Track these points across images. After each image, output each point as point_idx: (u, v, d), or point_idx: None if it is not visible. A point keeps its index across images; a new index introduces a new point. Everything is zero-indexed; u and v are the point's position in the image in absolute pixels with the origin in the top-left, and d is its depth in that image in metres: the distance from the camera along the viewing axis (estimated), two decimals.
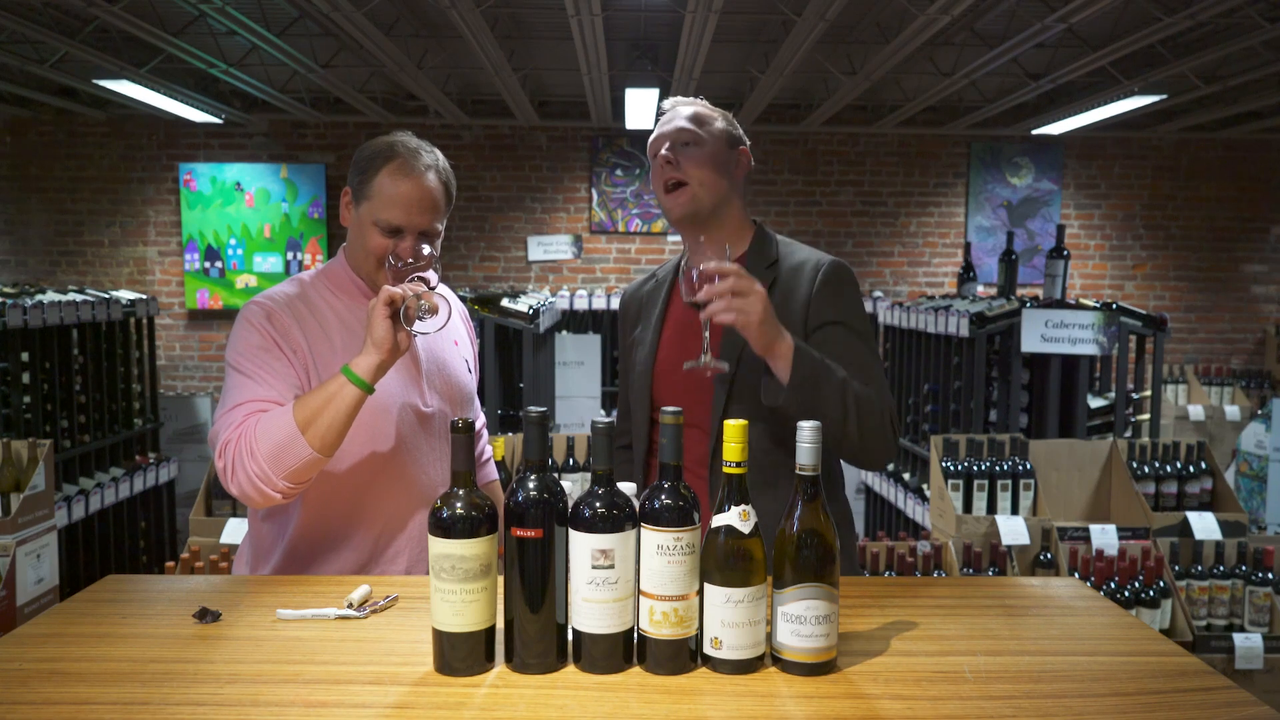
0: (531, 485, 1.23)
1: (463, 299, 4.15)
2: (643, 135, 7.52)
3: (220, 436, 1.61)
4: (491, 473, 2.11)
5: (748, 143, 1.85)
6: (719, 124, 1.79)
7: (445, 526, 1.22)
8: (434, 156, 1.78)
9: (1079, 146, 7.71)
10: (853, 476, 5.38)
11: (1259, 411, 5.96)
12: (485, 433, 2.14)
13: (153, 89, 5.89)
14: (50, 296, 4.05)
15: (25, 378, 3.81)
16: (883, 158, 7.71)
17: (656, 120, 1.85)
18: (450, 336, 1.91)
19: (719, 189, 1.76)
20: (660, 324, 1.84)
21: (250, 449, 1.56)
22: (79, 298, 4.14)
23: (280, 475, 1.56)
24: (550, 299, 5.93)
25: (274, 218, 7.42)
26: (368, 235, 1.73)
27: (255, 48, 5.46)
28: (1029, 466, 3.29)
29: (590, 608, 1.22)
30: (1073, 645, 1.34)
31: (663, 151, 1.75)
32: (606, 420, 1.24)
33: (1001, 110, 6.85)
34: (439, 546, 1.22)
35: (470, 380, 1.93)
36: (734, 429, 1.23)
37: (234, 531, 3.16)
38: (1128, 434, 4.02)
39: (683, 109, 1.79)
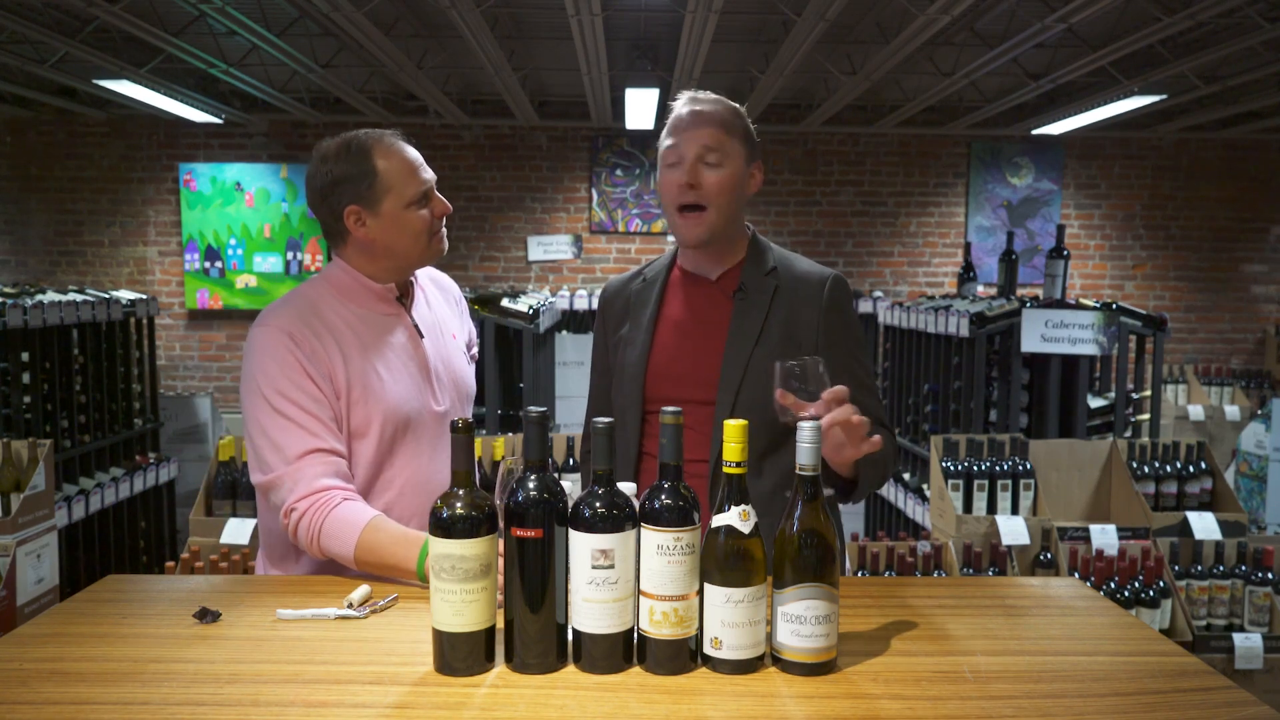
0: (531, 485, 1.23)
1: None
2: (643, 135, 7.52)
3: (290, 493, 1.62)
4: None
5: (760, 156, 1.78)
6: (739, 136, 1.71)
7: (445, 526, 1.22)
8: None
9: (1079, 146, 7.71)
10: None
11: (1259, 411, 5.96)
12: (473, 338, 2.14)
13: (153, 89, 5.90)
14: (50, 296, 4.05)
15: (25, 378, 3.80)
16: (883, 158, 7.71)
17: (667, 117, 1.74)
18: (448, 330, 1.91)
19: (734, 211, 1.71)
20: (653, 325, 1.80)
21: (314, 534, 1.62)
22: (79, 298, 4.14)
23: (323, 555, 1.64)
24: (550, 299, 5.93)
25: (274, 218, 7.42)
26: (410, 220, 1.73)
27: (255, 48, 5.46)
28: (1029, 466, 3.29)
29: (590, 608, 1.22)
30: (1073, 645, 1.34)
31: (684, 176, 1.67)
32: (607, 420, 1.24)
33: (1001, 110, 6.85)
34: (439, 546, 1.22)
35: (471, 372, 1.95)
36: (734, 429, 1.23)
37: (234, 531, 3.16)
38: (1128, 434, 4.02)
39: (705, 117, 1.69)
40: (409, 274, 1.83)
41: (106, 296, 4.35)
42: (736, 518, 1.22)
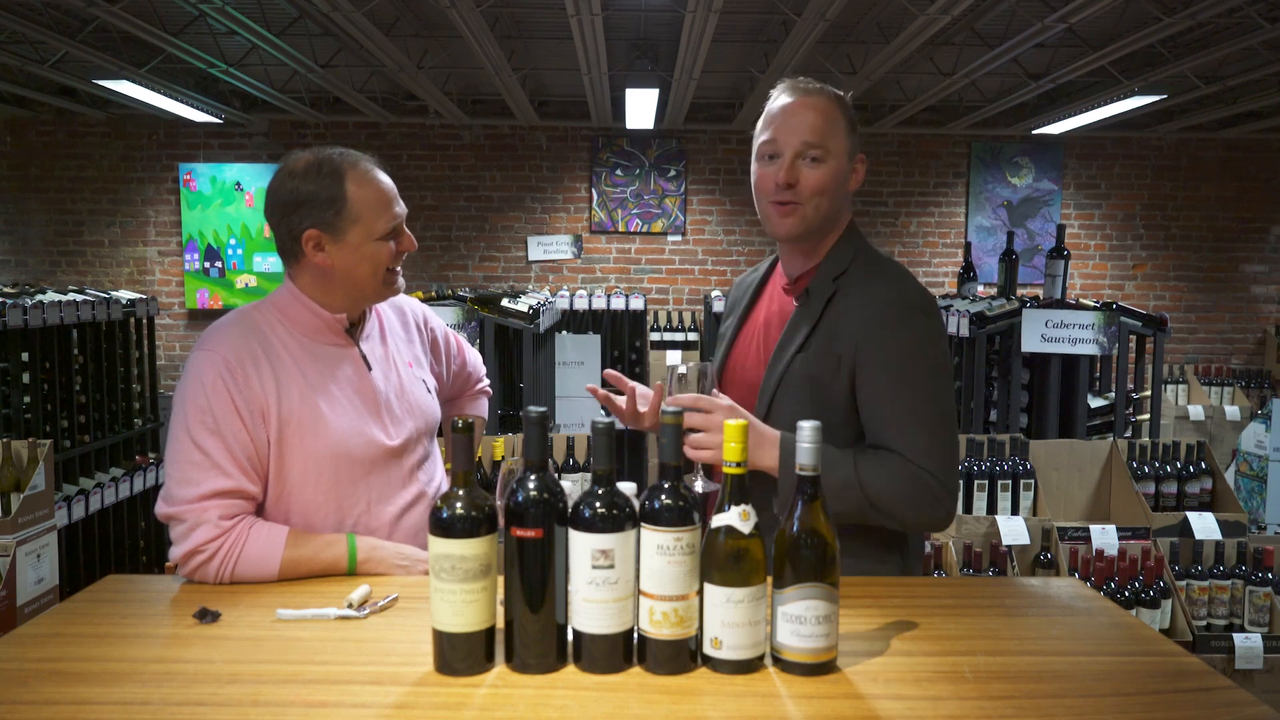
0: (531, 485, 1.23)
1: (462, 299, 4.16)
2: (643, 135, 7.52)
3: (194, 534, 1.57)
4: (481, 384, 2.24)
5: (861, 149, 1.67)
6: (843, 130, 1.60)
7: (445, 526, 1.22)
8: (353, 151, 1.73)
9: (1079, 146, 7.71)
10: None
11: (1259, 411, 5.96)
12: (475, 361, 2.20)
13: (153, 89, 5.89)
14: (50, 296, 4.05)
15: (25, 378, 3.80)
16: (883, 158, 7.71)
17: (767, 103, 1.64)
18: (402, 360, 1.85)
19: (831, 209, 1.62)
20: (740, 323, 1.78)
21: (229, 566, 1.57)
22: (79, 298, 4.14)
23: (234, 581, 1.59)
24: (550, 299, 5.92)
25: None
26: (374, 253, 1.67)
27: (255, 48, 5.46)
28: (1029, 466, 3.29)
29: (590, 608, 1.22)
30: (1073, 645, 1.34)
31: (781, 173, 1.59)
32: (606, 420, 1.24)
33: (1001, 110, 6.85)
34: (439, 546, 1.22)
35: (432, 401, 1.88)
36: (733, 429, 1.23)
37: None
38: (1128, 434, 4.02)
39: (808, 108, 1.59)
40: (361, 308, 1.78)
41: (106, 296, 4.35)
42: (736, 518, 1.22)
